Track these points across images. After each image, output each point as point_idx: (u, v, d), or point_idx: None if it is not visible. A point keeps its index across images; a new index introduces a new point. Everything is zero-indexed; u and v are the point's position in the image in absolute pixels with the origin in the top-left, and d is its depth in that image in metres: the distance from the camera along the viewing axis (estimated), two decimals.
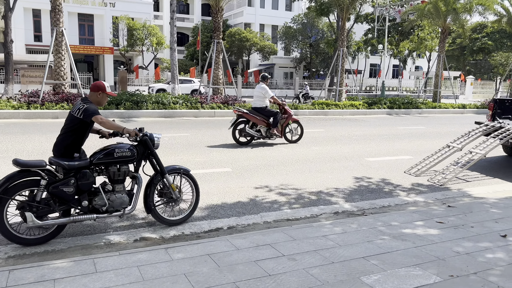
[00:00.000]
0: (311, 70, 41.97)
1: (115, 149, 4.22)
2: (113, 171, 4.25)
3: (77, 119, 4.15)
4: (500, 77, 41.50)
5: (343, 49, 19.55)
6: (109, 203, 4.23)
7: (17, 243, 3.95)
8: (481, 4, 19.57)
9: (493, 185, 7.08)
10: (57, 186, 3.95)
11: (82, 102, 4.24)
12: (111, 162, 4.22)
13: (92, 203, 4.18)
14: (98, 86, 4.35)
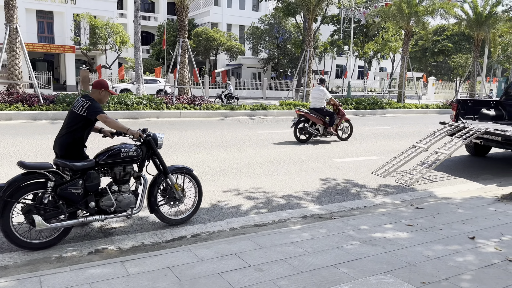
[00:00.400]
0: (278, 71, 42.07)
1: (120, 149, 4.20)
2: (118, 171, 4.23)
3: (81, 116, 4.08)
4: (459, 78, 43.11)
5: (310, 50, 19.59)
6: (117, 204, 4.20)
7: (23, 248, 3.84)
8: (443, 8, 20.17)
9: (458, 184, 7.16)
10: (65, 188, 3.88)
11: (84, 99, 4.16)
12: (117, 162, 4.19)
13: (99, 204, 4.14)
14: (101, 83, 4.30)
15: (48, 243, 3.94)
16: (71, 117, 4.14)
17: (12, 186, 3.69)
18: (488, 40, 24.58)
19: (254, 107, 17.11)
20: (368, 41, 38.82)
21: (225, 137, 10.91)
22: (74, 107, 4.16)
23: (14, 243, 3.77)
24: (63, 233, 4.01)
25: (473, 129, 7.87)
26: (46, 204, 3.82)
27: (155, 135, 4.46)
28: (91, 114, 4.06)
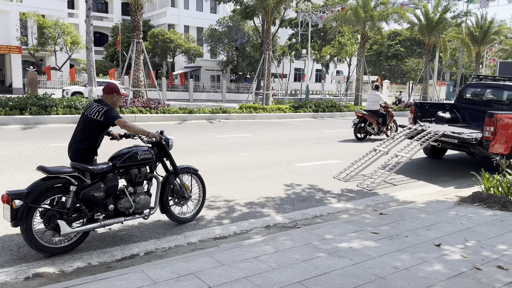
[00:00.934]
0: (238, 74, 41.84)
1: (137, 152, 4.27)
2: (134, 173, 4.29)
3: (97, 121, 4.10)
4: (412, 81, 44.78)
5: (269, 53, 19.50)
6: (135, 205, 4.25)
7: (45, 253, 3.81)
8: (396, 12, 20.78)
9: (419, 188, 7.18)
10: (88, 192, 3.90)
11: (99, 104, 4.18)
12: (134, 165, 4.25)
13: (117, 207, 4.17)
14: (113, 88, 4.32)
15: (68, 247, 3.94)
16: (85, 123, 4.15)
17: (34, 191, 3.64)
18: (438, 45, 25.61)
19: (214, 111, 16.75)
20: (325, 45, 39.48)
21: (183, 142, 10.48)
22: (88, 112, 4.17)
23: (36, 248, 3.74)
24: (82, 237, 4.02)
25: (431, 132, 7.96)
26: (68, 209, 3.84)
27: (167, 137, 4.64)
28: (108, 119, 4.09)
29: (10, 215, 3.55)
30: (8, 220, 3.60)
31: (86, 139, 4.14)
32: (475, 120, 9.44)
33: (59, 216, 3.78)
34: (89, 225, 3.96)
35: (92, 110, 4.15)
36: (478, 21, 27.61)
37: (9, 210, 3.55)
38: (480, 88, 9.63)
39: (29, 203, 3.59)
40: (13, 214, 3.55)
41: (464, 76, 51.49)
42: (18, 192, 3.61)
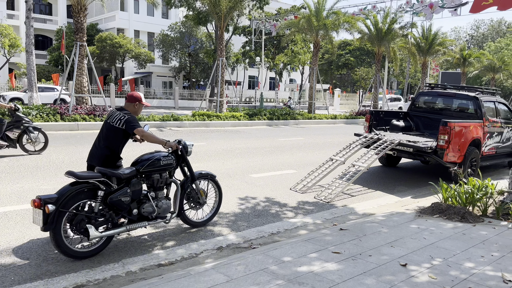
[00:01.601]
0: (191, 80, 41.01)
1: (160, 157, 4.40)
2: (156, 178, 4.41)
3: (119, 129, 4.23)
4: (362, 89, 46.09)
5: (222, 59, 19.05)
6: (157, 210, 4.37)
7: (72, 257, 3.87)
8: (348, 22, 21.12)
9: (376, 198, 6.97)
10: (116, 196, 3.97)
11: (121, 113, 4.30)
12: (156, 170, 4.36)
13: (141, 211, 4.25)
14: (135, 97, 4.46)
15: (94, 251, 3.99)
16: (108, 130, 4.27)
17: (64, 196, 3.69)
18: (388, 55, 26.37)
19: (165, 118, 15.99)
20: (278, 53, 39.69)
21: (129, 152, 9.69)
22: (110, 120, 4.28)
23: (65, 253, 3.79)
24: (106, 241, 4.06)
25: (387, 141, 7.83)
26: (96, 213, 3.90)
27: (186, 144, 4.74)
28: (129, 127, 4.20)
29: (42, 220, 3.59)
30: (39, 225, 3.63)
31: (109, 145, 4.27)
32: (428, 128, 9.49)
33: (87, 220, 3.85)
34: (116, 230, 4.06)
35: (114, 118, 4.28)
36: (424, 32, 28.83)
37: (41, 214, 3.59)
38: (431, 97, 9.73)
39: (59, 208, 3.64)
40: (45, 218, 3.59)
41: (410, 85, 53.82)
42: (49, 196, 3.66)
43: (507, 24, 76.64)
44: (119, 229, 4.07)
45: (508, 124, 9.28)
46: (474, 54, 35.38)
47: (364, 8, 26.00)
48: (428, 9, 23.33)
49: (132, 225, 4.20)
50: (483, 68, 37.87)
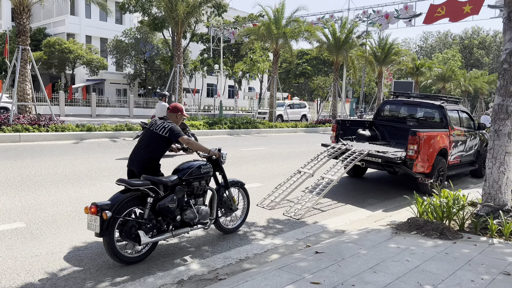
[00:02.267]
0: (146, 88, 39.68)
1: (200, 166, 4.57)
2: (196, 186, 4.56)
3: (163, 137, 4.40)
4: (320, 98, 46.65)
5: (180, 66, 18.31)
6: (198, 216, 4.48)
7: (124, 262, 3.97)
8: (307, 31, 21.08)
9: (348, 213, 6.58)
10: (164, 203, 4.14)
11: (165, 121, 4.48)
12: (197, 178, 4.52)
13: (183, 217, 4.37)
14: (178, 108, 4.69)
15: (142, 256, 4.11)
16: (151, 137, 4.43)
17: (117, 203, 3.81)
18: (346, 63, 26.68)
19: (118, 128, 15.00)
20: (237, 61, 39.32)
21: (77, 166, 8.83)
22: (154, 128, 4.45)
23: (116, 257, 3.89)
24: (152, 247, 4.19)
25: (356, 152, 7.51)
26: (145, 220, 4.02)
27: (223, 152, 4.87)
28: (173, 136, 4.38)
29: (100, 226, 3.67)
30: (96, 231, 3.72)
31: (150, 152, 4.40)
32: (393, 137, 9.32)
33: (137, 226, 3.97)
34: (164, 235, 4.22)
35: (158, 126, 4.45)
36: (380, 42, 29.53)
37: (98, 221, 3.67)
38: (397, 106, 9.59)
39: (114, 214, 3.75)
40: (102, 225, 3.68)
41: (365, 94, 55.23)
42: (104, 203, 3.75)
43: (453, 36, 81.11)
44: (166, 235, 4.24)
45: (471, 132, 9.28)
46: (426, 64, 36.77)
47: (322, 17, 26.19)
48: (384, 19, 23.83)
49: (177, 231, 4.36)
50: (434, 77, 39.44)
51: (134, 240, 3.96)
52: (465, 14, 20.81)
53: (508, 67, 5.67)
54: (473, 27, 79.33)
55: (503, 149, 5.69)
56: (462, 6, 20.81)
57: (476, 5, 20.35)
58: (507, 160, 5.71)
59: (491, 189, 5.76)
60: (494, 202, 5.72)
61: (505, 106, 5.69)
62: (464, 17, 20.95)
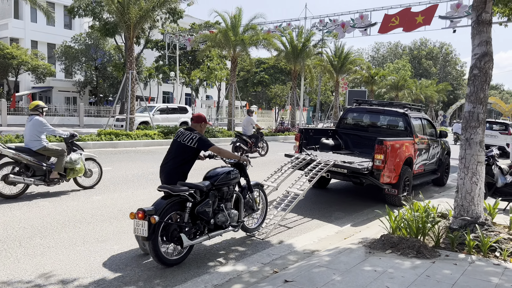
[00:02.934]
0: (98, 95, 37.85)
1: (230, 172, 4.85)
2: (226, 191, 4.80)
3: (191, 148, 4.61)
4: (277, 106, 46.66)
5: (132, 72, 17.32)
6: (230, 219, 4.77)
7: (165, 264, 4.19)
8: (266, 39, 20.75)
9: (315, 229, 6.09)
10: (202, 207, 4.39)
11: (192, 132, 4.71)
12: (227, 183, 4.78)
13: (216, 221, 4.60)
14: (202, 117, 4.94)
15: (181, 258, 4.34)
16: (180, 148, 4.64)
17: (161, 208, 4.04)
18: (303, 72, 26.64)
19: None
20: (194, 69, 38.45)
21: None
22: (181, 139, 4.67)
23: (160, 260, 4.12)
24: (189, 250, 4.41)
25: (321, 162, 7.08)
26: (186, 223, 4.27)
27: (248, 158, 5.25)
28: (203, 146, 4.63)
29: (148, 230, 3.88)
30: (143, 235, 3.90)
31: (184, 163, 4.60)
32: (357, 146, 9.01)
33: (179, 230, 4.20)
34: (202, 238, 4.43)
35: (186, 137, 4.62)
36: (337, 51, 29.86)
37: (146, 225, 3.88)
38: (360, 113, 9.30)
39: (160, 219, 3.95)
40: (150, 229, 3.89)
41: (321, 102, 55.99)
42: (149, 209, 3.97)
43: (403, 47, 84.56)
44: (203, 237, 4.46)
45: (433, 140, 9.16)
46: (380, 73, 37.71)
47: (279, 25, 26.05)
48: (340, 28, 24.02)
49: (212, 233, 4.55)
50: (388, 86, 40.55)
51: (176, 242, 4.19)
52: (418, 24, 21.34)
53: (478, 72, 5.44)
54: (421, 38, 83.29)
55: (475, 158, 5.43)
56: (415, 16, 21.33)
57: (428, 16, 20.92)
58: (479, 170, 5.45)
59: (463, 201, 5.48)
60: (468, 214, 5.43)
61: (476, 113, 5.45)
62: (417, 27, 21.47)
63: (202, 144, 4.58)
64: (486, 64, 5.41)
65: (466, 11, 19.75)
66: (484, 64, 5.41)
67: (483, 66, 5.41)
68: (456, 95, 74.82)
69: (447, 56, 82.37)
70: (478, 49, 5.47)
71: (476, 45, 5.51)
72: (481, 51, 5.44)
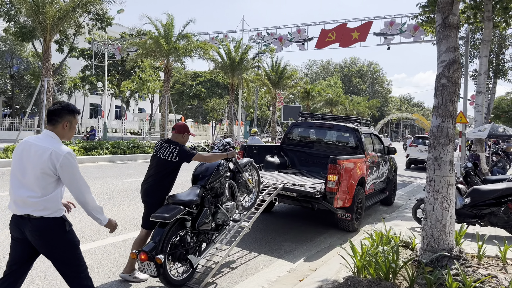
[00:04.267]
0: (14, 107, 34.10)
1: (218, 167, 4.56)
2: (218, 187, 4.60)
3: (172, 163, 4.23)
4: (214, 120, 45.53)
5: (49, 80, 15.26)
6: (229, 214, 4.65)
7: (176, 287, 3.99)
8: (201, 47, 19.60)
9: (264, 269, 5.01)
10: (201, 220, 4.18)
11: (171, 145, 4.29)
12: (218, 179, 4.55)
13: (216, 222, 4.46)
14: (185, 127, 4.51)
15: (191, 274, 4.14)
16: (160, 165, 4.26)
17: (161, 241, 3.75)
18: (241, 86, 25.84)
19: None
20: (124, 80, 36.16)
21: None
22: (161, 154, 4.26)
23: (171, 285, 3.90)
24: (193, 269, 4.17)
25: (269, 185, 6.06)
26: (189, 243, 4.07)
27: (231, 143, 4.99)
28: (185, 158, 4.22)
29: (157, 271, 3.67)
30: (153, 275, 3.71)
31: (167, 178, 4.24)
32: (304, 164, 8.15)
33: (185, 252, 4.03)
34: (208, 248, 4.39)
35: (165, 152, 4.25)
36: (274, 65, 29.50)
37: (154, 266, 3.66)
38: (306, 128, 8.47)
39: (163, 253, 3.74)
40: (158, 269, 3.68)
41: (257, 117, 55.82)
42: (150, 247, 3.70)
43: (334, 65, 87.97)
44: (210, 247, 4.39)
45: (383, 157, 8.59)
46: (316, 89, 38.14)
47: (216, 37, 25.11)
48: (277, 41, 23.63)
49: (217, 238, 4.48)
50: (323, 102, 41.18)
51: (185, 264, 4.05)
52: (354, 40, 21.52)
53: (446, 82, 4.77)
54: (351, 57, 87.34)
55: (445, 180, 4.72)
56: (351, 32, 21.51)
57: (363, 32, 21.17)
58: (450, 194, 4.75)
59: (433, 230, 4.73)
60: (439, 246, 4.68)
61: (445, 128, 4.76)
62: (352, 43, 21.65)
63: (184, 156, 4.20)
64: (455, 72, 4.77)
65: (399, 29, 20.24)
66: (452, 73, 4.77)
67: (451, 75, 4.76)
68: (384, 111, 78.88)
69: (374, 74, 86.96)
70: (446, 55, 4.82)
71: (442, 51, 4.86)
72: (448, 58, 4.79)
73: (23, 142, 2.86)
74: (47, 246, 2.74)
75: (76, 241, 2.82)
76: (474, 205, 6.52)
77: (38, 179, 2.68)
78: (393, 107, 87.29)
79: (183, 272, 4.11)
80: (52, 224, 2.72)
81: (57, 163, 2.66)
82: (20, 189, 2.72)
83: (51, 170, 2.67)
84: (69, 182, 2.73)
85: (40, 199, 2.68)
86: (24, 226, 2.73)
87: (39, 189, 2.68)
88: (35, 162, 2.69)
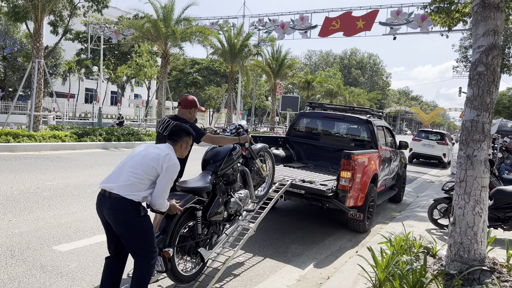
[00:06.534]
0: (6, 89, 33.20)
1: (230, 152, 4.10)
2: (231, 173, 4.19)
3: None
4: (212, 109, 44.83)
5: (39, 61, 14.53)
6: (242, 204, 4.24)
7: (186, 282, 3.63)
8: (201, 32, 18.85)
9: (270, 276, 4.45)
10: (213, 209, 3.79)
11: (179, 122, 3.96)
12: (230, 165, 4.11)
13: (229, 212, 4.06)
14: (192, 102, 4.18)
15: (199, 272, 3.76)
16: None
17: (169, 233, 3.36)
18: (242, 73, 25.12)
19: None
20: (121, 64, 35.28)
21: None
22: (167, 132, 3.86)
23: (179, 280, 3.55)
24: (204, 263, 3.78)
25: (276, 182, 5.48)
26: (200, 234, 3.68)
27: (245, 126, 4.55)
28: (194, 138, 3.62)
29: (164, 265, 3.34)
30: (161, 270, 3.36)
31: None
32: (311, 158, 7.58)
33: (195, 245, 3.67)
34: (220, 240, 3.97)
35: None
36: (274, 54, 28.76)
37: (162, 261, 3.32)
38: (314, 119, 7.87)
39: (172, 246, 3.40)
40: (166, 263, 3.34)
41: (255, 106, 55.13)
42: (158, 239, 3.32)
43: (334, 56, 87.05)
44: (221, 238, 4.00)
45: (394, 152, 8.04)
46: (317, 79, 37.43)
47: (216, 22, 24.32)
48: (279, 29, 22.91)
49: (229, 229, 4.10)
50: (323, 92, 40.52)
51: (195, 258, 3.69)
52: (358, 29, 20.86)
53: (484, 70, 4.19)
54: (352, 48, 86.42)
55: (478, 181, 4.16)
56: (356, 21, 20.83)
57: (368, 21, 20.50)
58: (483, 197, 4.20)
59: (463, 237, 4.18)
60: (469, 255, 4.14)
61: (481, 123, 4.19)
62: (357, 32, 20.99)
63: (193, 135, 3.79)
64: (494, 59, 4.18)
65: (406, 19, 19.57)
66: (492, 60, 4.18)
67: (490, 61, 4.17)
68: (382, 104, 78.34)
69: (374, 66, 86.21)
70: (484, 40, 4.23)
71: (480, 35, 4.27)
72: (487, 43, 4.20)
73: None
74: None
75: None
76: (497, 207, 6.00)
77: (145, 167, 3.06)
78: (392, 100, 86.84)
79: (192, 267, 3.73)
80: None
81: (165, 165, 3.03)
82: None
83: (159, 167, 3.03)
84: (162, 182, 3.05)
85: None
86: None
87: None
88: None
